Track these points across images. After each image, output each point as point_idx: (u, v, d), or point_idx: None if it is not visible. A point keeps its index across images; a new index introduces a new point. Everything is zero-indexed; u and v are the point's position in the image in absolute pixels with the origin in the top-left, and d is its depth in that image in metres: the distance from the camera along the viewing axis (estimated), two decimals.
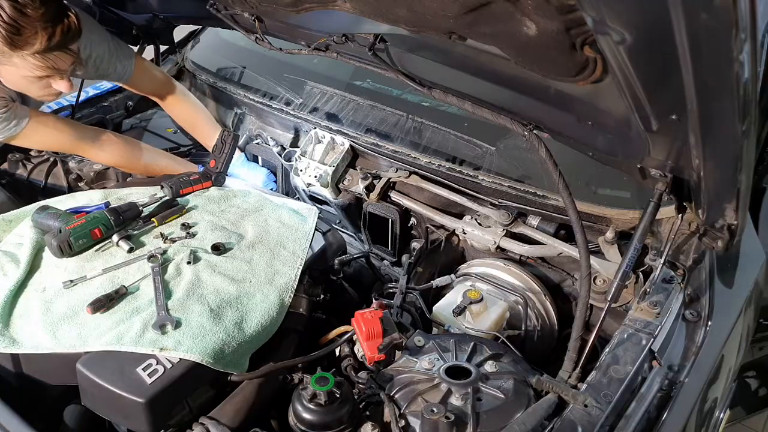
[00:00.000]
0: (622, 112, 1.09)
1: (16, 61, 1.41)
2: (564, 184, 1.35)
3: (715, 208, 1.24)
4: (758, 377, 2.08)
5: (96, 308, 1.28)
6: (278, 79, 2.22)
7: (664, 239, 1.44)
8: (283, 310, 1.37)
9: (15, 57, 1.40)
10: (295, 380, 1.28)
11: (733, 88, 0.81)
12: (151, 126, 2.34)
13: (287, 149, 2.09)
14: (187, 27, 2.63)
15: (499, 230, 1.69)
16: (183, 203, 1.66)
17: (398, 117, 1.95)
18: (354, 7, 1.31)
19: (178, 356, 1.19)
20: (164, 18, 2.32)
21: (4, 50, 1.38)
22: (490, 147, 1.78)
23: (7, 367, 1.27)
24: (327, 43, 1.65)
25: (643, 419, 1.12)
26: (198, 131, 2.09)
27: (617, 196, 1.63)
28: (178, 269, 1.41)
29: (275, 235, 1.56)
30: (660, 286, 1.36)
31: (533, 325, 1.63)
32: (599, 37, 0.91)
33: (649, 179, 1.31)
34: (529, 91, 1.33)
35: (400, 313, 1.55)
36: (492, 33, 1.14)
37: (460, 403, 1.15)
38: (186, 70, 2.47)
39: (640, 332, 1.26)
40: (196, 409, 1.22)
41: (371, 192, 1.85)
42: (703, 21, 0.72)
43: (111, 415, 1.21)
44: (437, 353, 1.29)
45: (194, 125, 2.10)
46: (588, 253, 1.32)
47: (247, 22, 1.81)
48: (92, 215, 1.49)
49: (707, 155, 1.04)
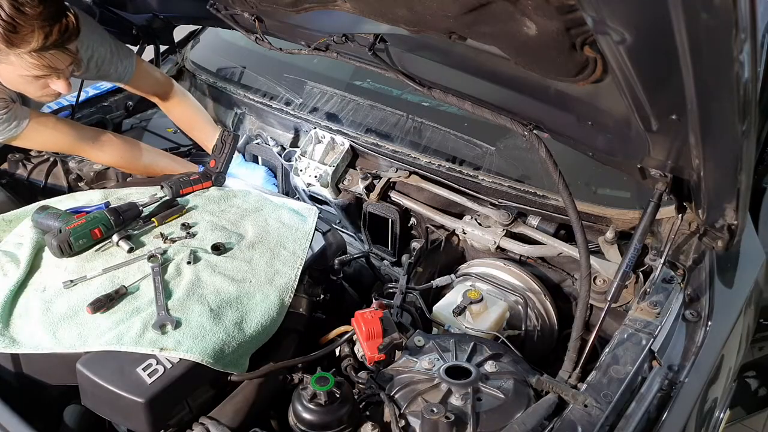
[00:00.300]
0: (622, 112, 1.09)
1: (12, 59, 1.42)
2: (564, 184, 1.35)
3: (715, 208, 1.24)
4: (758, 377, 2.08)
5: (96, 308, 1.28)
6: (278, 79, 2.22)
7: (664, 239, 1.44)
8: (283, 310, 1.37)
9: (12, 55, 1.40)
10: (295, 380, 1.28)
11: (733, 88, 0.81)
12: (151, 126, 2.34)
13: (287, 149, 2.09)
14: (187, 27, 2.63)
15: (499, 230, 1.69)
16: (183, 203, 1.66)
17: (398, 117, 1.95)
18: (354, 7, 1.31)
19: (178, 356, 1.19)
20: (164, 18, 2.32)
21: (1, 48, 1.38)
22: (490, 147, 1.78)
23: (7, 367, 1.27)
24: (327, 43, 1.65)
25: (643, 419, 1.12)
26: (196, 133, 2.09)
27: (617, 196, 1.63)
28: (178, 269, 1.41)
29: (275, 235, 1.56)
30: (660, 286, 1.36)
31: (533, 325, 1.63)
32: (599, 37, 0.91)
33: (649, 179, 1.31)
34: (529, 91, 1.33)
35: (400, 313, 1.55)
36: (492, 33, 1.14)
37: (460, 403, 1.15)
38: (186, 70, 2.47)
39: (640, 332, 1.26)
40: (196, 409, 1.22)
41: (371, 192, 1.85)
42: (703, 21, 0.72)
43: (111, 415, 1.21)
44: (437, 353, 1.29)
45: (192, 126, 2.10)
46: (588, 253, 1.32)
47: (247, 22, 1.81)
48: (92, 215, 1.49)
49: (707, 155, 1.04)
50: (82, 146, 1.81)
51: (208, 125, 2.06)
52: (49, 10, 1.37)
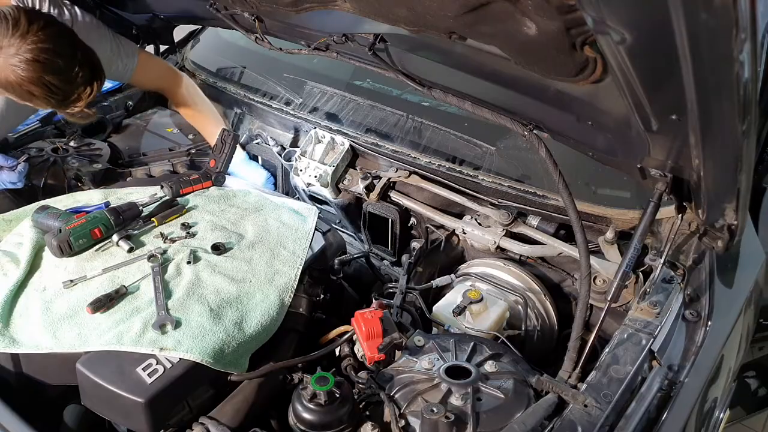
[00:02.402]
0: (622, 112, 1.09)
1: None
2: (564, 184, 1.35)
3: (715, 208, 1.24)
4: (758, 377, 2.08)
5: (96, 308, 1.28)
6: (278, 79, 2.22)
7: (664, 239, 1.44)
8: (283, 310, 1.37)
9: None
10: (295, 380, 1.28)
11: (733, 88, 0.81)
12: (151, 126, 2.33)
13: (287, 149, 2.09)
14: (187, 27, 2.63)
15: (499, 230, 1.69)
16: (183, 203, 1.66)
17: (398, 117, 1.95)
18: (354, 7, 1.31)
19: (178, 356, 1.19)
20: (164, 18, 2.32)
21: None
22: (490, 147, 1.78)
23: (7, 367, 1.27)
24: (327, 43, 1.65)
25: (643, 419, 1.12)
26: (200, 125, 2.13)
27: (617, 196, 1.63)
28: (178, 269, 1.41)
29: (275, 234, 1.56)
30: (660, 286, 1.36)
31: (533, 325, 1.63)
32: (599, 37, 0.91)
33: (649, 179, 1.31)
34: (529, 91, 1.33)
35: (400, 313, 1.55)
36: (492, 33, 1.14)
37: (460, 403, 1.15)
38: (186, 70, 2.47)
39: (640, 332, 1.26)
40: (196, 409, 1.22)
41: (371, 192, 1.85)
42: (703, 21, 0.72)
43: (111, 415, 1.21)
44: (437, 353, 1.29)
45: (195, 119, 2.14)
46: (588, 253, 1.32)
47: (247, 22, 1.81)
48: (92, 215, 1.49)
49: (707, 155, 1.04)
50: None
51: (211, 118, 2.10)
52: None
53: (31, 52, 1.40)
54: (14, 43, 1.39)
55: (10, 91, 1.46)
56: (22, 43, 1.40)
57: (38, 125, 2.15)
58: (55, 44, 1.44)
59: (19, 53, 1.40)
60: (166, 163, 2.10)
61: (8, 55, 1.40)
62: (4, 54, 1.40)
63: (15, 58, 1.40)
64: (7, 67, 1.41)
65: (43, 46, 1.41)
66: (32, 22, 1.42)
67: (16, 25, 1.40)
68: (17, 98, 1.49)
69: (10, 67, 1.40)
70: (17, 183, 1.81)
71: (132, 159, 2.13)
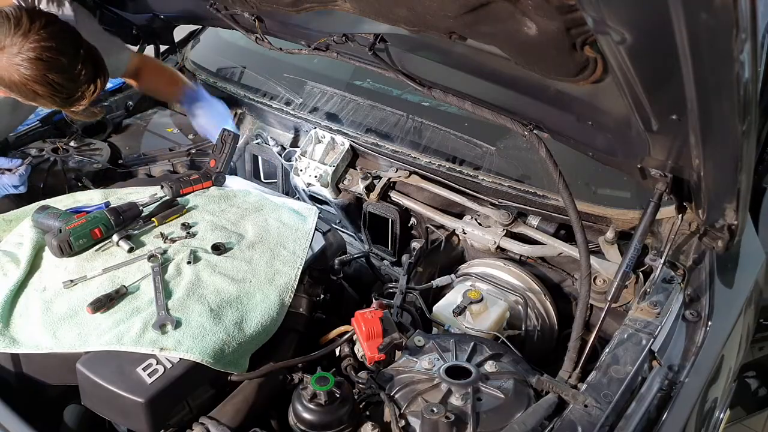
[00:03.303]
0: (622, 112, 1.09)
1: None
2: (564, 184, 1.35)
3: (715, 208, 1.24)
4: (758, 377, 2.08)
5: (96, 308, 1.28)
6: (278, 79, 2.22)
7: (664, 239, 1.44)
8: (283, 310, 1.37)
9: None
10: (295, 380, 1.28)
11: (733, 88, 0.81)
12: (151, 126, 2.34)
13: (287, 149, 2.09)
14: (187, 27, 2.63)
15: (499, 230, 1.69)
16: (183, 203, 1.66)
17: (398, 117, 1.95)
18: (354, 7, 1.31)
19: (178, 356, 1.19)
20: (164, 18, 2.32)
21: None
22: (490, 147, 1.78)
23: (7, 367, 1.27)
24: (327, 43, 1.65)
25: (643, 419, 1.12)
26: (164, 88, 2.17)
27: (617, 196, 1.63)
28: (178, 269, 1.41)
29: (275, 235, 1.56)
30: (660, 286, 1.36)
31: (533, 325, 1.63)
32: (599, 37, 0.91)
33: (649, 179, 1.31)
34: (529, 91, 1.33)
35: (400, 313, 1.55)
36: (492, 33, 1.14)
37: (460, 403, 1.15)
38: (186, 70, 2.47)
39: (640, 332, 1.26)
40: (196, 409, 1.22)
41: (371, 192, 1.85)
42: (703, 21, 0.72)
43: (111, 415, 1.21)
44: (437, 353, 1.29)
45: (159, 86, 2.18)
46: (588, 253, 1.32)
47: (247, 22, 1.81)
48: (92, 215, 1.49)
49: (707, 155, 1.04)
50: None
51: (171, 77, 2.14)
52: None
53: (34, 50, 1.39)
54: (17, 42, 1.39)
55: (15, 90, 1.46)
56: (24, 42, 1.39)
57: (38, 125, 2.15)
58: (58, 42, 1.43)
59: (22, 52, 1.39)
60: (166, 163, 2.11)
61: (11, 54, 1.39)
62: (7, 53, 1.39)
63: (18, 57, 1.39)
64: (10, 66, 1.40)
65: (45, 44, 1.40)
66: (34, 21, 1.41)
67: (18, 24, 1.39)
68: (22, 98, 1.49)
69: (13, 66, 1.40)
70: (19, 187, 1.81)
71: (132, 159, 2.13)
